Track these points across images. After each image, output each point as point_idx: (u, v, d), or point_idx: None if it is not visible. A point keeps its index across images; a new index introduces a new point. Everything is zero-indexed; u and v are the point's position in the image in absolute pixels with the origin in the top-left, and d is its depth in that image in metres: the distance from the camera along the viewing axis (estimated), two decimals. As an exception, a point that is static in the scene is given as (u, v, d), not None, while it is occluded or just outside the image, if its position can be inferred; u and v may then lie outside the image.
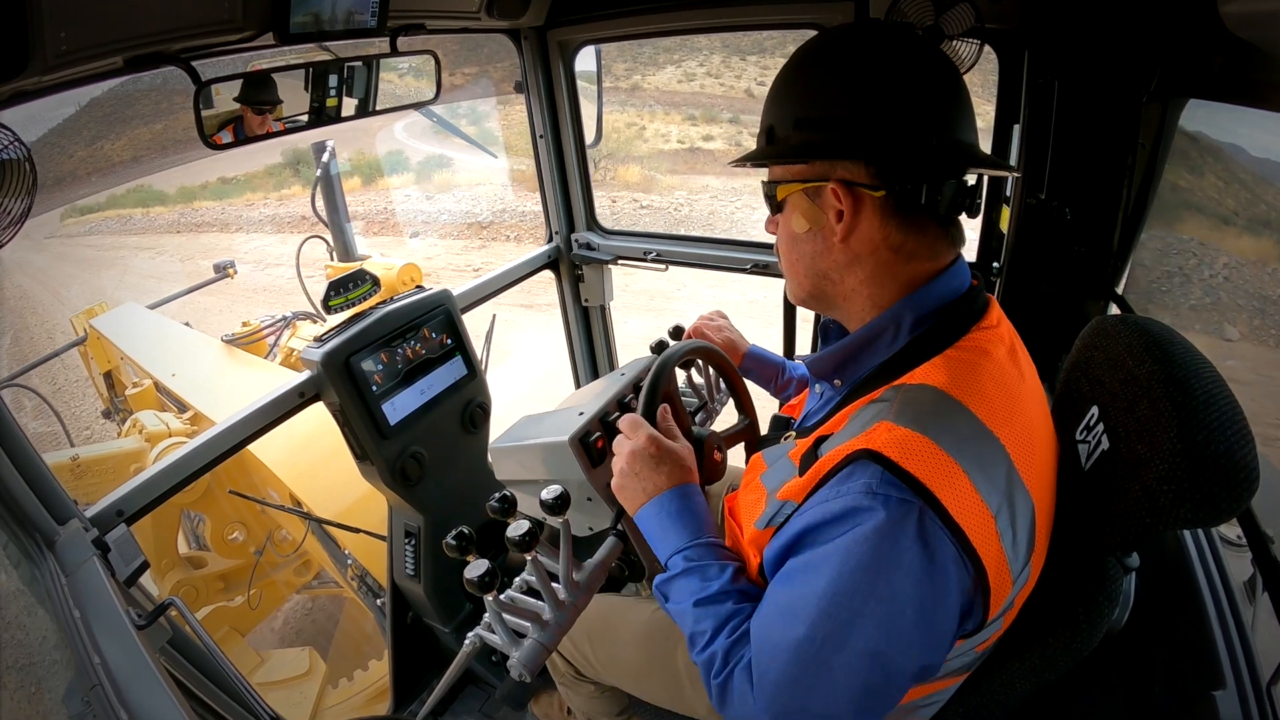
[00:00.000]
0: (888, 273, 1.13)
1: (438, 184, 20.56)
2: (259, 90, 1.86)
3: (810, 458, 1.08)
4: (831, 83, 1.08)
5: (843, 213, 1.10)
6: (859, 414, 1.08)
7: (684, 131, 21.88)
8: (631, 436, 1.36)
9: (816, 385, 1.35)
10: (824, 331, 1.34)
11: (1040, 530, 1.02)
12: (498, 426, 2.02)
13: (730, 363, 1.77)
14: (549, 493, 1.37)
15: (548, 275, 3.24)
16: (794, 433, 1.30)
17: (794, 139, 1.13)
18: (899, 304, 1.13)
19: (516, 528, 1.30)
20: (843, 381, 1.22)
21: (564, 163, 2.99)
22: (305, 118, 1.99)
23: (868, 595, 0.92)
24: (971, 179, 1.14)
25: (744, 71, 24.82)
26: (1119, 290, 1.94)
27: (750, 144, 1.37)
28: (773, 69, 1.91)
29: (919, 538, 0.91)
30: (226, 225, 21.69)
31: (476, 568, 1.26)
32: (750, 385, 1.85)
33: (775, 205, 1.21)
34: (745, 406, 1.79)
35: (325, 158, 2.64)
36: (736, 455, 1.70)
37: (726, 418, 1.79)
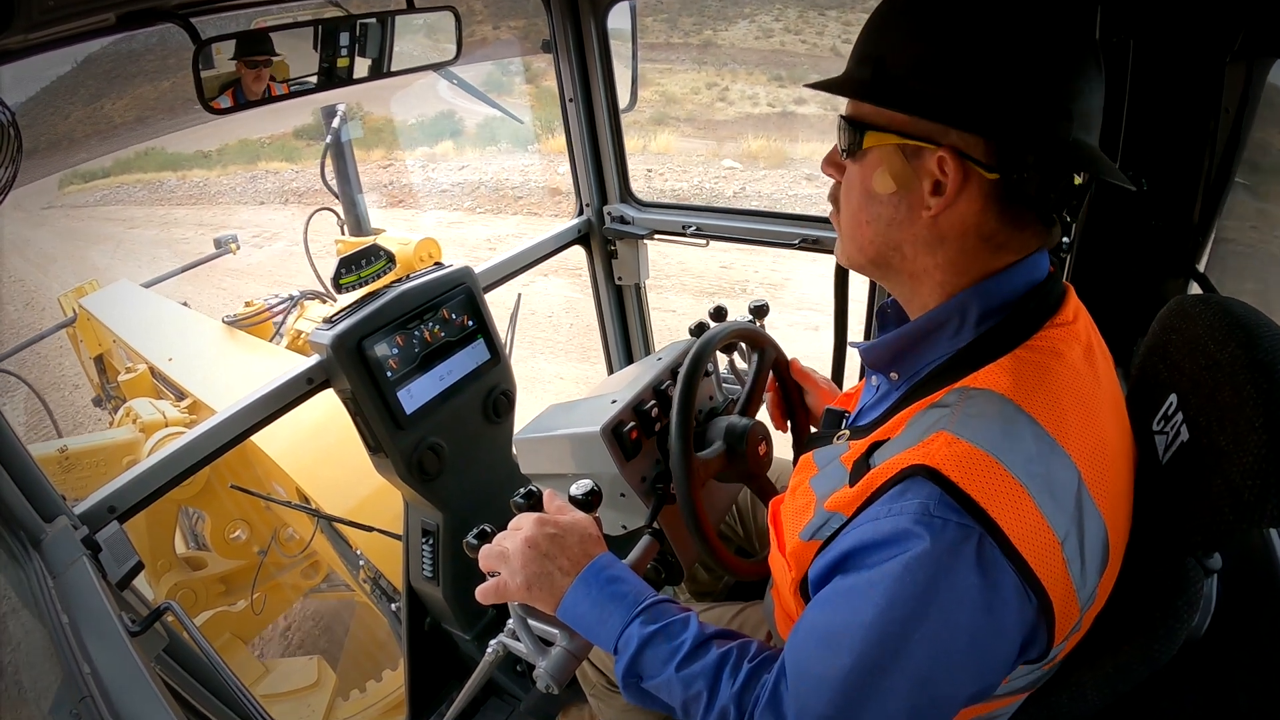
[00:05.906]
0: (969, 261, 1.08)
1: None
2: (252, 43, 1.87)
3: (863, 466, 1.05)
4: (979, 28, 0.98)
5: (941, 185, 1.02)
6: (917, 419, 1.04)
7: (773, 94, 20.84)
8: (516, 529, 1.31)
9: (873, 378, 1.30)
10: (880, 315, 1.30)
11: (1114, 549, 1.01)
12: (523, 415, 2.03)
13: (775, 344, 1.77)
14: (579, 488, 1.38)
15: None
16: (847, 431, 1.26)
17: (915, 84, 1.01)
18: (966, 292, 1.08)
19: None
20: (899, 375, 1.19)
21: (595, 129, 2.99)
22: (314, 79, 2.00)
23: (919, 623, 0.91)
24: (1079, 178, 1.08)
25: (825, 28, 23.68)
26: (1200, 267, 1.92)
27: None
28: (856, 25, 1.83)
29: (978, 566, 0.89)
30: (302, 195, 20.10)
31: None
32: None
33: (853, 149, 1.10)
34: (791, 394, 1.80)
35: (335, 123, 2.65)
36: (784, 448, 1.71)
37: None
